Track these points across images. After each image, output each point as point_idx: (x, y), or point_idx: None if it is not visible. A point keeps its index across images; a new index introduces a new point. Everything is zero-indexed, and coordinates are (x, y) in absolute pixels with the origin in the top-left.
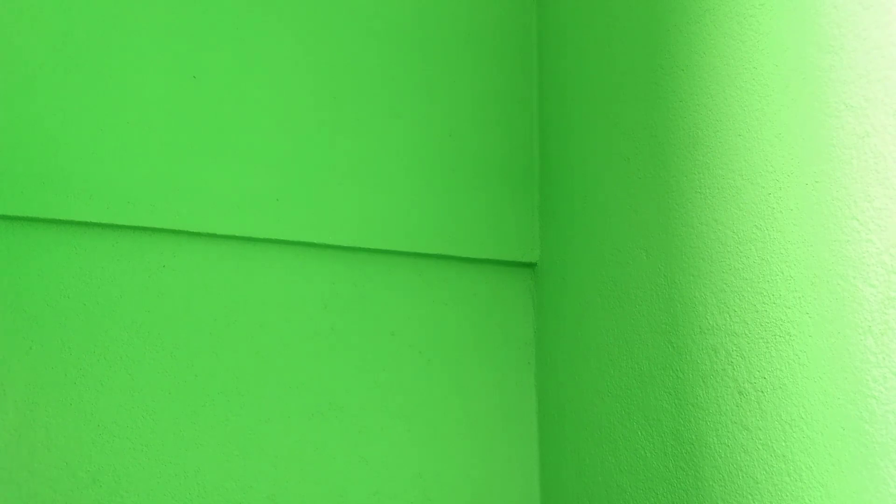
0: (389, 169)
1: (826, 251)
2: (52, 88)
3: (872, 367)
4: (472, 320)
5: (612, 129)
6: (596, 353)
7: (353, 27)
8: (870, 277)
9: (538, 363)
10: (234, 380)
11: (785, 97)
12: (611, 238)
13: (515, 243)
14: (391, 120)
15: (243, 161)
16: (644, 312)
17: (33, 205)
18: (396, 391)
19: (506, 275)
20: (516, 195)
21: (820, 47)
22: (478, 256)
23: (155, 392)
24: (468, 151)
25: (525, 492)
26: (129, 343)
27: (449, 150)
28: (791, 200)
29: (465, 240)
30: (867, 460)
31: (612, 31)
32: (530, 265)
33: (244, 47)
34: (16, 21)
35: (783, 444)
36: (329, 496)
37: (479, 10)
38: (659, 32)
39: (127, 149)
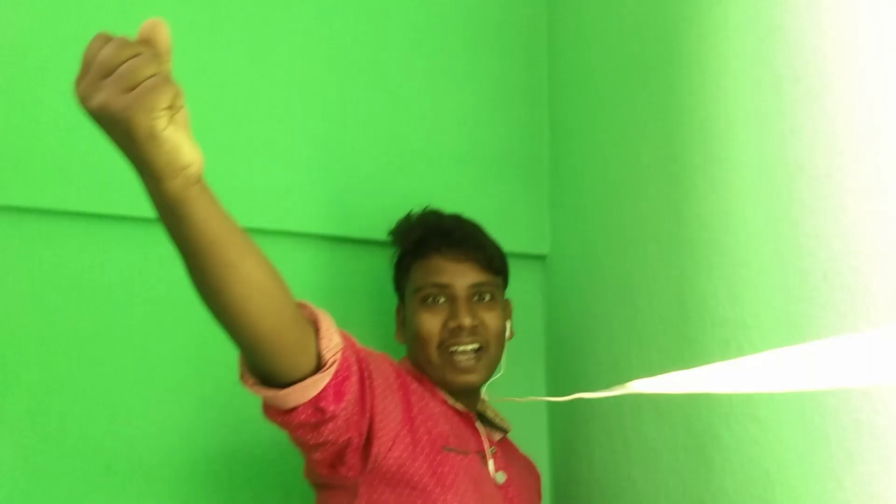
0: (399, 162)
1: (839, 244)
2: (61, 82)
3: (884, 361)
4: None
5: (623, 121)
6: (606, 344)
7: (362, 22)
8: (883, 271)
9: (548, 354)
10: None
11: (797, 90)
12: (621, 231)
13: (526, 235)
14: (401, 114)
15: (253, 154)
16: (655, 305)
17: (47, 196)
18: None
19: (516, 267)
20: (527, 188)
21: (833, 40)
22: None
23: (167, 381)
24: (479, 145)
25: None
26: (142, 332)
27: (459, 144)
28: (804, 193)
29: None
30: (879, 453)
31: (622, 23)
32: (540, 257)
33: (251, 41)
34: (22, 17)
35: (795, 438)
36: None
37: (490, 5)
38: (670, 25)
39: None
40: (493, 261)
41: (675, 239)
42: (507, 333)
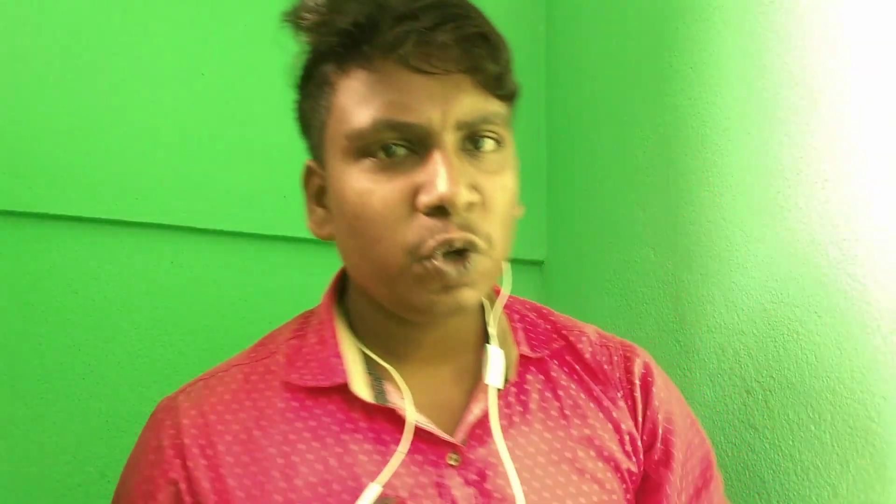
0: None
1: (835, 250)
2: (61, 85)
3: (881, 367)
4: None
5: (619, 126)
6: None
7: None
8: (878, 276)
9: None
10: None
11: (794, 95)
12: (618, 236)
13: (522, 241)
14: None
15: (251, 158)
16: (651, 311)
17: (43, 201)
18: None
19: (513, 273)
20: (523, 193)
21: (829, 45)
22: None
23: (163, 388)
24: None
25: None
26: (138, 339)
27: None
28: (800, 199)
29: None
30: (875, 460)
31: (620, 28)
32: (537, 263)
33: (253, 44)
34: (23, 19)
35: (790, 443)
36: None
37: (487, 8)
38: (667, 30)
39: (135, 145)
40: (504, 74)
41: (671, 244)
42: (515, 209)
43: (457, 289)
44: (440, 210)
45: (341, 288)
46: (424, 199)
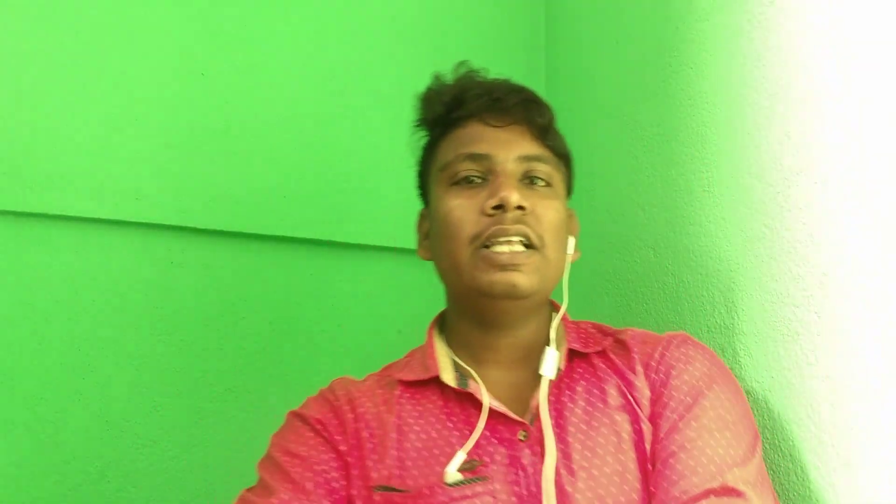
0: (396, 168)
1: (835, 250)
2: (60, 86)
3: (881, 367)
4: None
5: (620, 126)
6: None
7: (359, 25)
8: (879, 276)
9: None
10: (241, 377)
11: (793, 95)
12: (618, 236)
13: None
14: (398, 118)
15: (251, 158)
16: (651, 311)
17: (43, 202)
18: None
19: None
20: None
21: (828, 45)
22: None
23: (162, 388)
24: None
25: None
26: (138, 339)
27: None
28: (800, 199)
29: None
30: (874, 459)
31: (620, 28)
32: None
33: (252, 44)
34: (23, 19)
35: (790, 443)
36: None
37: (488, 9)
38: (667, 30)
39: (135, 146)
40: (549, 130)
41: (671, 244)
42: (572, 250)
43: (509, 271)
44: (500, 209)
45: (444, 317)
46: (489, 202)
